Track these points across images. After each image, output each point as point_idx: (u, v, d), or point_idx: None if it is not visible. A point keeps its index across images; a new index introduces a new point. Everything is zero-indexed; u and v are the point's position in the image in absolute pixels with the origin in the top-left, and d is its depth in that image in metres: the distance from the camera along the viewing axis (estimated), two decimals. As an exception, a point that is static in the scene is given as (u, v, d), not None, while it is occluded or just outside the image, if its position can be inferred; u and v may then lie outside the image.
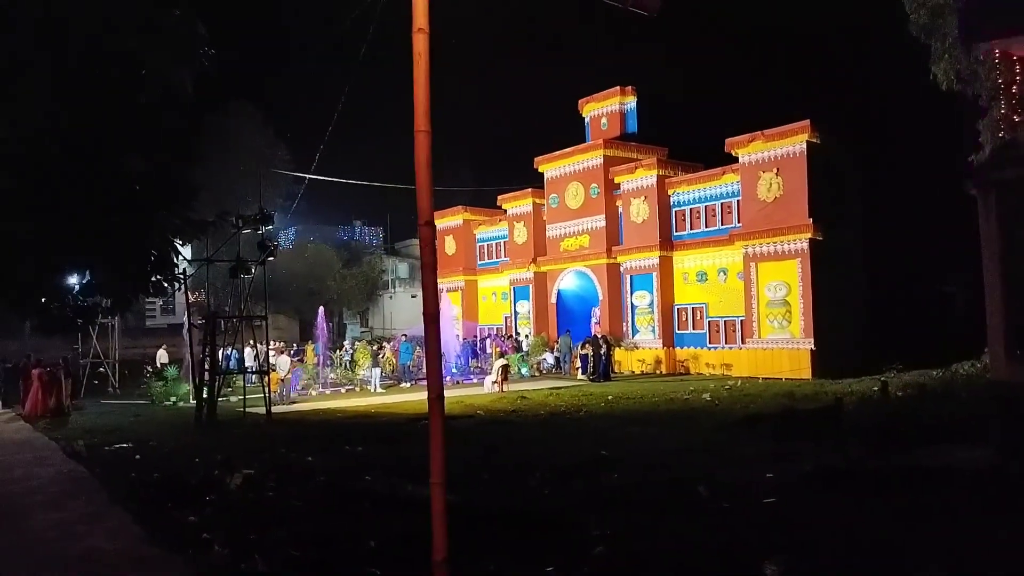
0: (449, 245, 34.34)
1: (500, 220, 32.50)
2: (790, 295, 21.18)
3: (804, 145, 20.85)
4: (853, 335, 20.52)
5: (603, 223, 26.83)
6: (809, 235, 20.58)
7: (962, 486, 7.32)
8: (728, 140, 22.55)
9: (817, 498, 7.45)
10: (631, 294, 25.95)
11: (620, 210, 26.66)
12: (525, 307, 30.28)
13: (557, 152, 28.54)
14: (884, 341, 19.84)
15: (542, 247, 29.40)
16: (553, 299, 28.88)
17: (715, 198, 24.03)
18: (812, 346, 20.40)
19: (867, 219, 22.53)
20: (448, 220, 34.04)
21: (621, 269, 26.35)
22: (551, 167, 28.82)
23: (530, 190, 30.02)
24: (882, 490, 7.42)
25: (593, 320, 28.81)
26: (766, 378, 20.74)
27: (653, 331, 25.22)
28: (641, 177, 25.42)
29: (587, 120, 29.10)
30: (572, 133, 29.83)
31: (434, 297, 4.74)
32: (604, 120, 28.40)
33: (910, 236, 22.42)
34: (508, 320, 31.30)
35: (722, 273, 23.81)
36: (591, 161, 27.18)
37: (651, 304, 25.31)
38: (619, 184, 26.39)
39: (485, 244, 33.78)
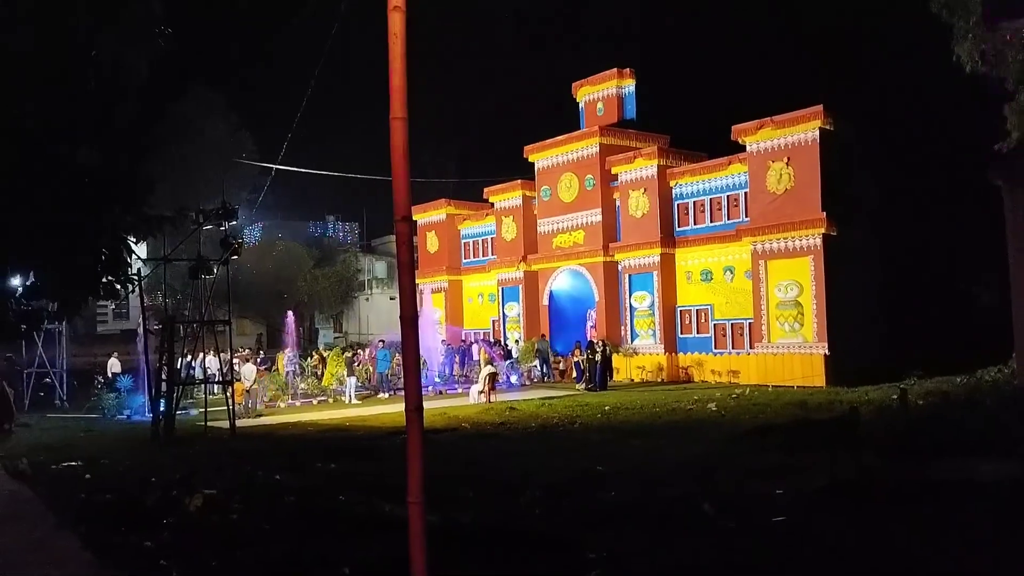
0: (431, 242, 34.36)
1: (487, 215, 32.55)
2: (802, 295, 21.33)
3: (817, 132, 21.00)
4: (870, 339, 20.64)
5: (599, 217, 26.92)
6: (822, 230, 20.73)
7: (986, 501, 7.40)
8: (735, 127, 22.67)
9: (831, 515, 7.51)
10: (630, 295, 26.05)
11: (618, 203, 26.74)
12: (515, 309, 30.33)
13: (549, 140, 28.60)
14: (904, 345, 19.96)
15: (533, 244, 29.47)
16: (545, 300, 28.94)
17: (721, 190, 24.17)
18: (826, 351, 20.55)
19: (885, 213, 22.68)
20: (430, 215, 34.06)
21: (619, 268, 26.44)
22: (542, 157, 28.89)
23: (519, 182, 30.08)
24: (900, 506, 7.49)
25: (589, 323, 28.96)
26: (776, 386, 20.84)
27: (654, 335, 25.33)
28: (640, 167, 25.52)
29: (581, 105, 29.18)
30: (565, 120, 29.94)
31: (412, 299, 4.75)
32: (600, 105, 28.48)
33: (931, 231, 22.57)
34: (496, 324, 31.33)
35: (728, 272, 23.94)
36: (586, 150, 27.27)
37: (651, 306, 25.41)
38: (616, 175, 26.47)
39: (470, 241, 33.81)
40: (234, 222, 17.25)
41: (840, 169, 21.04)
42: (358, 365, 24.37)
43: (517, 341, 27.73)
